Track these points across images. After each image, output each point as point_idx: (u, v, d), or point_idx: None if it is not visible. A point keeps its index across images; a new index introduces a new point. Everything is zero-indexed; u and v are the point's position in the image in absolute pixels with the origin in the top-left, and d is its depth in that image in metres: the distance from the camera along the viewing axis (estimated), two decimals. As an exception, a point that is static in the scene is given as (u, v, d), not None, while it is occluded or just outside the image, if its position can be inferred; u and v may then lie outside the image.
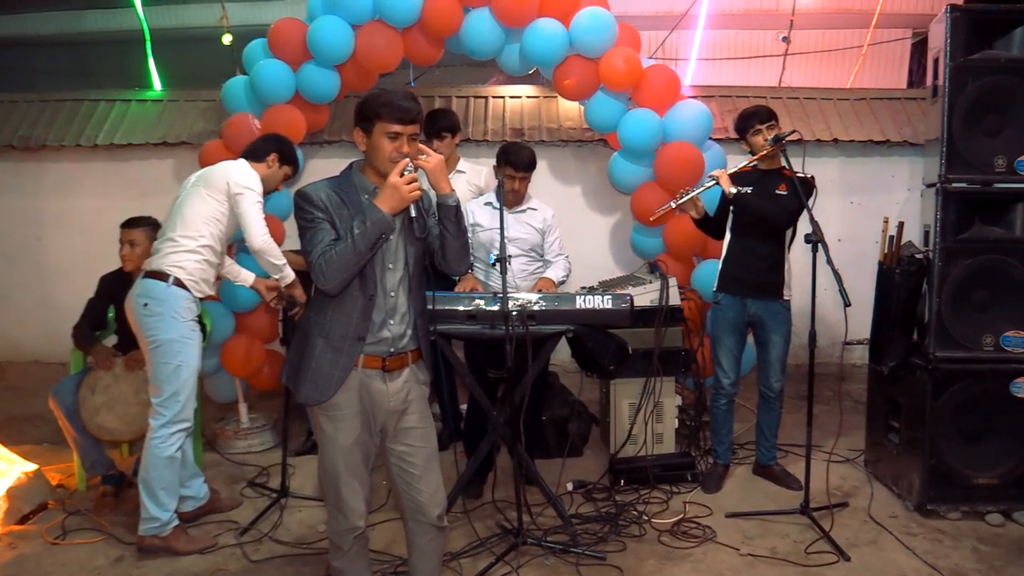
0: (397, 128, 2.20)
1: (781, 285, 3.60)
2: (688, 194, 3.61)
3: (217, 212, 3.22)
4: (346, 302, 2.25)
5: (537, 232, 3.88)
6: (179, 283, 3.12)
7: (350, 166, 2.34)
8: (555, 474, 3.68)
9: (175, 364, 3.08)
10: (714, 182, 3.59)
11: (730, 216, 3.70)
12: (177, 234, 3.16)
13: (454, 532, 3.30)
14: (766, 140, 3.53)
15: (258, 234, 3.26)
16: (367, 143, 2.24)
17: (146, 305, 3.07)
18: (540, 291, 3.59)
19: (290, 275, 3.42)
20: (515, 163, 3.67)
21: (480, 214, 3.80)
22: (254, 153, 3.44)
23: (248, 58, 4.48)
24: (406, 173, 2.17)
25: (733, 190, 3.52)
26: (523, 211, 3.87)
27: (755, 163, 3.59)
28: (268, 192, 3.43)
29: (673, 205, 3.66)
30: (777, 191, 3.56)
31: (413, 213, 2.23)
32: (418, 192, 2.19)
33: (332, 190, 2.24)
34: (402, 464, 2.38)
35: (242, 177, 3.26)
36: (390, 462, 2.41)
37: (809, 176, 3.53)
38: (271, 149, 3.46)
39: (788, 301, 3.64)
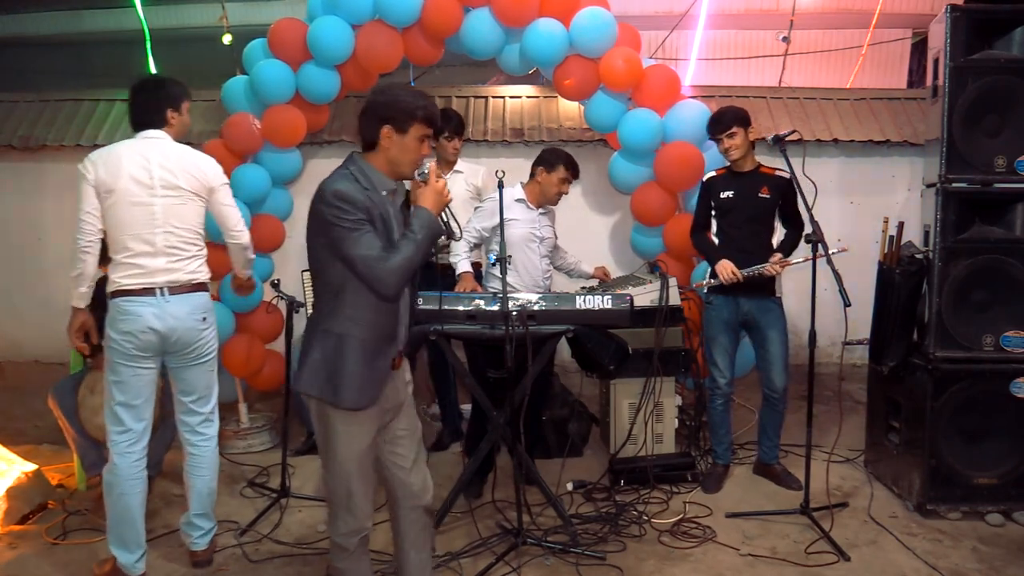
0: (430, 132, 2.24)
1: (772, 283, 3.63)
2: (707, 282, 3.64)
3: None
4: (382, 304, 2.24)
5: (554, 232, 3.96)
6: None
7: (352, 160, 2.27)
8: (555, 474, 3.68)
9: (216, 370, 3.05)
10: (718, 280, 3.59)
11: (713, 219, 3.74)
12: (200, 251, 2.95)
13: (454, 532, 3.30)
14: (724, 151, 3.61)
15: (245, 228, 3.11)
16: (398, 142, 2.21)
17: (204, 319, 2.93)
18: (604, 273, 4.22)
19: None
20: (575, 170, 3.81)
21: (515, 210, 3.77)
22: (160, 120, 2.97)
23: (248, 58, 4.47)
24: (427, 175, 2.26)
25: (742, 275, 3.53)
26: (546, 212, 3.92)
27: (729, 167, 3.68)
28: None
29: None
30: (760, 194, 3.58)
31: (445, 217, 2.29)
32: (450, 195, 2.28)
33: (362, 189, 2.19)
34: (398, 453, 2.41)
35: (219, 168, 3.03)
36: (385, 454, 2.42)
37: (787, 175, 3.53)
38: (171, 104, 2.97)
39: (780, 298, 3.66)
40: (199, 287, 2.92)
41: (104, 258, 2.87)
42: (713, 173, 3.77)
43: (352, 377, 2.20)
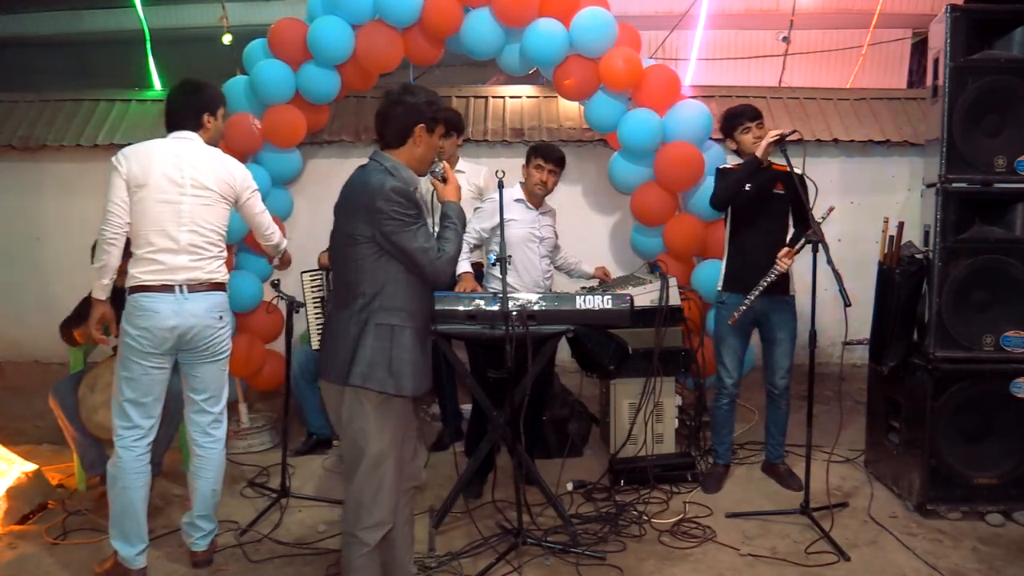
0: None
1: (787, 282, 3.59)
2: (759, 288, 3.45)
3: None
4: (425, 292, 2.42)
5: (555, 232, 3.95)
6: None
7: (383, 157, 2.38)
8: (555, 474, 3.68)
9: (227, 372, 3.06)
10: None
11: (729, 216, 3.70)
12: (221, 252, 2.95)
13: (454, 532, 3.30)
14: (756, 139, 3.53)
15: (276, 228, 3.19)
16: (426, 141, 2.40)
17: (221, 318, 2.95)
18: (604, 273, 4.18)
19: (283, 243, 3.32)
20: (545, 154, 3.75)
21: (515, 210, 3.78)
22: (196, 123, 2.94)
23: (248, 58, 4.48)
24: (443, 172, 2.52)
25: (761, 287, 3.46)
26: (546, 212, 3.91)
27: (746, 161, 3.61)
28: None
29: (750, 300, 3.51)
30: (775, 190, 3.56)
31: None
32: None
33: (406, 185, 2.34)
34: (409, 435, 2.53)
35: (248, 174, 3.05)
36: None
37: (801, 172, 3.52)
38: (208, 108, 2.96)
39: (793, 297, 3.64)
40: (217, 287, 2.93)
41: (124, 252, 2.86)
42: (729, 165, 3.73)
43: (411, 365, 2.33)
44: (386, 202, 2.25)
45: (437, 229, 2.49)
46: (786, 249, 3.48)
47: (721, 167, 3.78)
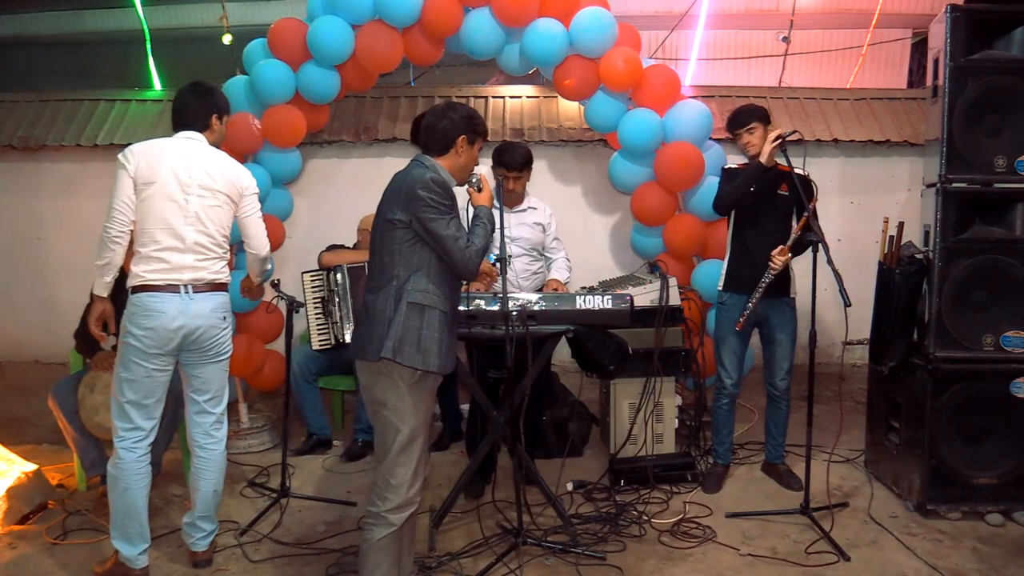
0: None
1: (788, 283, 3.59)
2: (759, 290, 3.47)
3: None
4: (454, 281, 2.57)
5: (537, 231, 3.90)
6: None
7: (426, 159, 2.56)
8: (555, 474, 3.68)
9: (227, 372, 3.06)
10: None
11: (732, 215, 3.69)
12: (224, 253, 2.97)
13: (454, 532, 3.30)
14: (744, 144, 3.56)
15: (266, 240, 3.13)
16: (467, 152, 2.61)
17: (225, 318, 2.95)
18: (553, 290, 3.72)
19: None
20: (507, 163, 3.71)
21: None
22: (204, 124, 2.96)
23: (248, 58, 4.47)
24: (480, 182, 2.71)
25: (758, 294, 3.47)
26: (523, 210, 3.89)
27: (748, 163, 3.59)
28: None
29: (753, 303, 3.52)
30: (779, 191, 3.55)
31: None
32: None
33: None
34: None
35: (254, 180, 3.05)
36: None
37: (806, 174, 3.52)
38: (218, 111, 2.99)
39: (794, 299, 3.64)
40: (220, 287, 2.93)
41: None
42: (735, 165, 3.72)
43: (439, 344, 2.45)
44: (425, 190, 2.42)
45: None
46: (780, 247, 3.47)
47: (726, 167, 3.78)
